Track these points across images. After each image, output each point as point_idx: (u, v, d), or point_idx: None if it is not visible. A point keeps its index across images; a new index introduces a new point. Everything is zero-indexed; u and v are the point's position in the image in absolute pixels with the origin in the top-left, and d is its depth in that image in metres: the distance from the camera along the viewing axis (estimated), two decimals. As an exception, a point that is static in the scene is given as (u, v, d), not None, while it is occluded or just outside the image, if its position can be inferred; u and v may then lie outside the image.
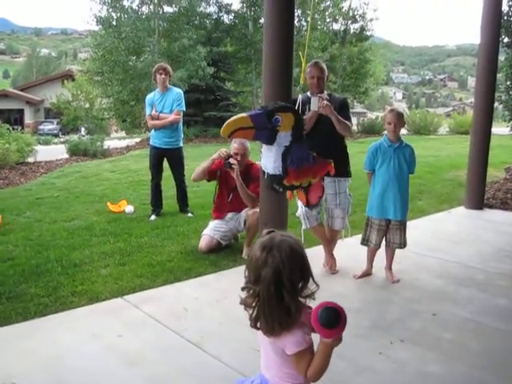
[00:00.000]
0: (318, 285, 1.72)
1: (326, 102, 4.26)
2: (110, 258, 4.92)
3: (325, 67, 4.60)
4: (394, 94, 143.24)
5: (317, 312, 1.58)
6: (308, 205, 4.25)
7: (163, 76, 6.55)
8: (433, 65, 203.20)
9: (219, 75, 25.95)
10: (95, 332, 3.36)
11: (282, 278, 1.64)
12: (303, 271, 1.70)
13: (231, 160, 5.11)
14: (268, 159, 3.62)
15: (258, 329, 1.74)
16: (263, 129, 3.42)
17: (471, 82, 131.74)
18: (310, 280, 1.71)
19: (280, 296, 1.64)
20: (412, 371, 2.95)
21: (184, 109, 6.71)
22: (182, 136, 6.86)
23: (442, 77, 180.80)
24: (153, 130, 6.71)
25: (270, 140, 3.50)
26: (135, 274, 4.49)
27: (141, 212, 6.96)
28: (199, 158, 5.46)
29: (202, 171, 5.32)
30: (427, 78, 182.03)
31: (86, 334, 3.33)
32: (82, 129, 33.37)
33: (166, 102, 6.58)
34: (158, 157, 6.74)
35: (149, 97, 6.81)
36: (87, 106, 34.92)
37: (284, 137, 3.49)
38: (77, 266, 4.69)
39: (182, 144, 6.81)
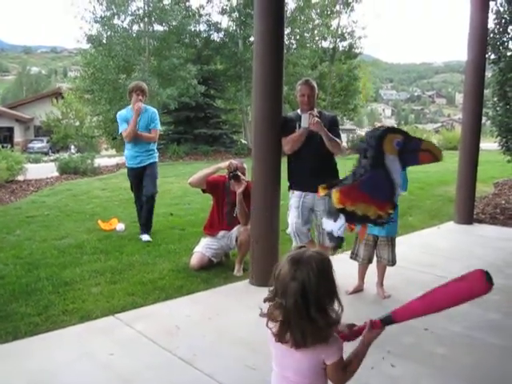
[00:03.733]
0: (342, 306, 1.79)
1: (316, 118, 4.30)
2: (101, 277, 4.90)
3: (315, 85, 4.65)
4: (383, 110, 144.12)
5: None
6: None
7: (140, 97, 6.45)
8: (421, 81, 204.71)
9: (209, 93, 26.04)
10: (87, 351, 3.34)
11: (308, 293, 1.69)
12: (329, 288, 1.77)
13: (239, 173, 5.11)
14: None
15: (283, 342, 1.76)
16: None
17: (459, 98, 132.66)
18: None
19: (307, 310, 1.69)
20: (405, 387, 2.95)
21: (160, 128, 6.69)
22: (157, 153, 6.78)
23: (430, 93, 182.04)
24: (126, 151, 6.63)
25: None
26: (127, 292, 4.47)
27: (132, 230, 6.93)
28: (190, 176, 5.46)
29: (203, 176, 5.29)
30: (416, 94, 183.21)
31: (78, 353, 3.30)
32: (72, 147, 33.27)
33: (141, 121, 6.48)
34: (136, 177, 6.65)
35: (121, 113, 6.64)
36: (77, 123, 34.82)
37: None
38: (68, 284, 4.66)
39: (156, 160, 6.71)
